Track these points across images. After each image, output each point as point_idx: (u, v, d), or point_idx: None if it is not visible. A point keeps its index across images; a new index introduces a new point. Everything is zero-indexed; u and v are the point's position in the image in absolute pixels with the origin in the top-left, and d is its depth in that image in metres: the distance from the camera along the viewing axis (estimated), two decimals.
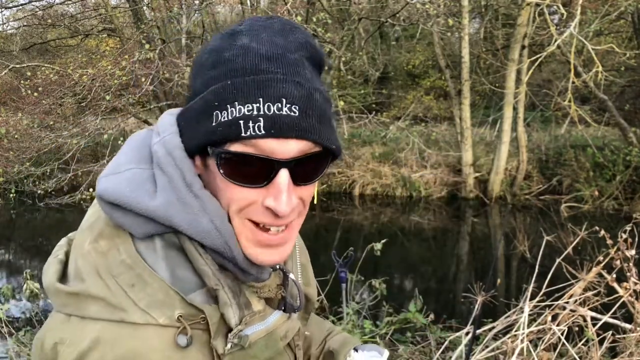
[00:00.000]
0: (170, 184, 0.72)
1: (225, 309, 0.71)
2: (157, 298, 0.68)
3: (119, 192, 0.71)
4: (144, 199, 0.71)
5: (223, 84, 0.69)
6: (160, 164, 0.73)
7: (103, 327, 0.67)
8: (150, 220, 0.72)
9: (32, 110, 9.86)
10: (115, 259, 0.70)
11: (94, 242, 0.73)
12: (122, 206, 0.71)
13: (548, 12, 10.11)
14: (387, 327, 4.31)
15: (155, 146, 0.75)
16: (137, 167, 0.75)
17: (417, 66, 19.67)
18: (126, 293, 0.68)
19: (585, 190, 11.49)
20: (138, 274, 0.69)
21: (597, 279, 3.45)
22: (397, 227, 10.95)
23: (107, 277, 0.69)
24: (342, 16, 12.89)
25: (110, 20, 12.03)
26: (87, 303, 0.69)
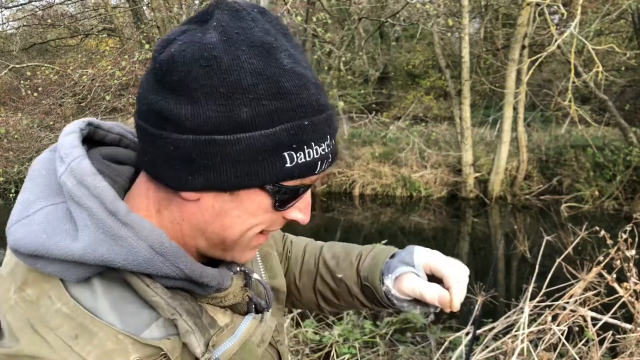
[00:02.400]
0: (91, 218, 0.63)
1: (187, 338, 0.66)
2: (107, 347, 0.61)
3: (34, 242, 0.63)
4: (65, 242, 0.62)
5: (299, 123, 0.63)
6: (73, 197, 0.64)
7: None
8: (80, 264, 0.64)
9: (32, 110, 9.87)
10: (48, 308, 0.63)
11: (19, 291, 0.65)
12: (43, 256, 0.63)
13: (548, 12, 10.11)
14: (387, 327, 4.31)
15: (63, 177, 0.65)
16: (47, 205, 0.66)
17: (417, 66, 19.68)
18: (70, 348, 0.61)
19: (585, 190, 11.49)
20: (79, 323, 0.62)
21: (597, 279, 3.45)
22: (397, 227, 10.95)
23: (44, 331, 0.62)
24: (342, 16, 12.89)
25: (110, 20, 12.04)
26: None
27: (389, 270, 0.94)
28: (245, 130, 0.61)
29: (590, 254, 3.72)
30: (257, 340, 0.74)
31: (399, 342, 4.33)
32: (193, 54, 0.61)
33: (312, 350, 4.05)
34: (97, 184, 0.64)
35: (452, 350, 3.83)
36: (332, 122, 0.68)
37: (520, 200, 12.12)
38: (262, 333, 0.76)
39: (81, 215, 0.63)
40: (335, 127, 0.69)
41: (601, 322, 3.35)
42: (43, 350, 0.61)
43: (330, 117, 0.68)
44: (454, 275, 0.87)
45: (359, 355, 3.91)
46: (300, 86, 0.63)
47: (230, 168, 0.63)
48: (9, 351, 0.62)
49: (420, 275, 0.91)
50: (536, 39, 12.40)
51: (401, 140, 14.17)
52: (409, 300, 0.93)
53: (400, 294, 0.92)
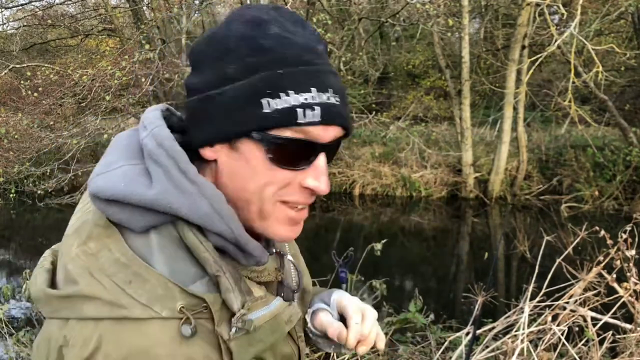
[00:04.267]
0: (165, 174, 0.72)
1: (227, 295, 0.70)
2: (157, 293, 0.67)
3: (114, 188, 0.71)
4: (141, 189, 0.71)
5: (272, 72, 0.71)
6: (152, 155, 0.73)
7: (105, 326, 0.66)
8: (149, 211, 0.71)
9: (32, 111, 9.87)
10: (107, 258, 0.69)
11: (82, 245, 0.71)
12: (118, 200, 0.70)
13: (548, 12, 10.11)
14: (387, 327, 4.31)
15: (145, 140, 0.75)
16: (128, 164, 0.74)
17: (417, 66, 19.67)
18: (124, 290, 0.67)
19: (585, 190, 11.49)
20: (134, 272, 0.68)
21: (597, 279, 3.45)
22: (397, 227, 10.96)
23: (101, 276, 0.68)
24: (342, 16, 12.90)
25: (110, 20, 12.05)
26: (83, 304, 0.67)
27: (310, 306, 1.01)
28: (230, 83, 0.72)
29: (590, 254, 3.72)
30: (285, 318, 0.78)
31: (399, 342, 4.34)
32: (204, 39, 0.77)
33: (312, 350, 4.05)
34: (174, 147, 0.73)
35: (452, 350, 3.83)
36: (322, 78, 0.73)
37: (520, 200, 12.12)
38: (289, 314, 0.80)
39: (157, 170, 0.72)
40: (328, 84, 0.73)
41: (601, 322, 3.35)
42: (98, 290, 0.67)
43: (317, 73, 0.73)
44: (355, 317, 0.92)
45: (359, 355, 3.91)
46: (281, 45, 0.72)
47: (221, 116, 0.73)
48: (67, 292, 0.69)
49: (333, 314, 0.97)
50: (536, 39, 12.40)
51: (401, 140, 14.18)
52: (322, 336, 0.98)
53: (314, 329, 0.98)
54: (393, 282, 7.34)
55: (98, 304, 0.66)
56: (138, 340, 0.65)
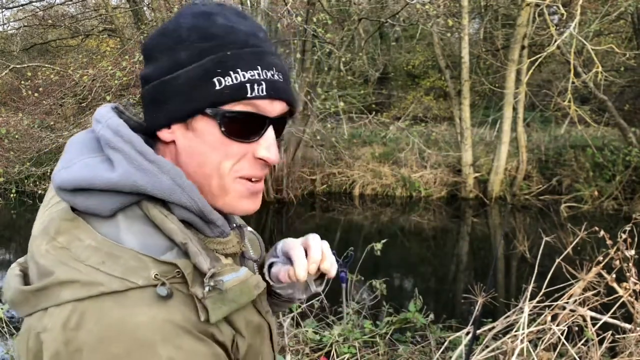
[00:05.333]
0: (125, 157, 0.76)
1: (196, 259, 0.74)
2: (131, 265, 0.70)
3: (77, 177, 0.74)
4: (105, 174, 0.74)
5: (222, 54, 0.79)
6: (110, 143, 0.78)
7: (84, 305, 0.68)
8: (116, 193, 0.75)
9: (32, 111, 9.87)
10: (78, 247, 0.72)
11: (51, 242, 0.73)
12: (84, 188, 0.74)
13: (548, 13, 10.12)
14: (387, 327, 4.32)
15: (101, 131, 0.79)
16: (88, 157, 0.78)
17: (417, 66, 19.68)
18: (99, 270, 0.69)
19: (584, 190, 11.51)
20: (106, 252, 0.71)
21: (597, 279, 3.46)
22: (397, 227, 10.97)
23: (75, 263, 0.70)
24: (342, 17, 12.90)
25: (110, 20, 12.05)
26: (60, 290, 0.69)
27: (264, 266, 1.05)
28: (184, 67, 0.78)
29: (590, 254, 3.73)
30: (253, 283, 0.81)
31: (399, 342, 4.34)
32: (157, 32, 0.83)
33: (312, 350, 4.06)
34: (129, 133, 0.78)
35: (452, 350, 3.85)
36: (266, 58, 0.81)
37: (520, 200, 12.13)
38: (257, 280, 0.83)
39: (116, 155, 0.76)
40: (272, 64, 0.82)
41: (601, 322, 3.36)
42: (74, 275, 0.69)
43: (262, 54, 0.81)
44: (296, 251, 0.95)
45: (359, 354, 3.92)
46: (227, 32, 0.80)
47: (177, 97, 0.79)
48: (42, 283, 0.71)
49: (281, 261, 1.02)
50: (536, 40, 12.41)
51: (401, 141, 14.18)
52: (283, 287, 1.02)
53: (273, 284, 1.01)
54: (393, 282, 7.36)
55: (75, 287, 0.69)
56: (118, 311, 0.67)
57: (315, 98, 11.15)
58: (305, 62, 11.60)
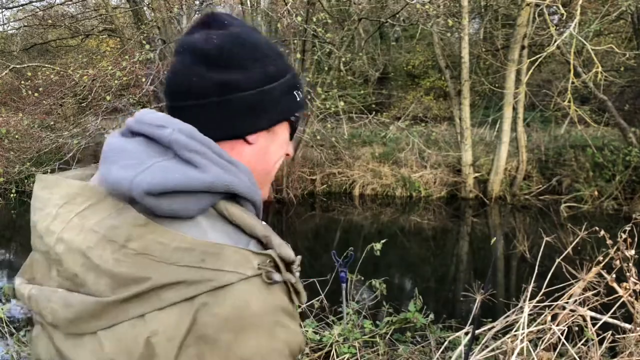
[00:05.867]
0: (207, 159, 0.78)
1: (282, 249, 0.77)
2: (235, 259, 0.72)
3: (170, 179, 0.73)
4: (197, 175, 0.75)
5: (293, 72, 0.94)
6: (187, 147, 0.77)
7: (197, 301, 0.69)
8: (202, 195, 0.76)
9: (32, 111, 9.88)
10: (164, 250, 0.70)
11: (121, 249, 0.71)
12: (173, 191, 0.73)
13: (548, 13, 10.12)
14: (387, 327, 4.32)
15: (174, 135, 0.78)
16: (161, 160, 0.77)
17: (417, 66, 19.69)
18: (200, 267, 0.70)
19: (584, 190, 11.51)
20: (202, 251, 0.71)
21: (597, 279, 3.46)
22: (397, 227, 10.97)
23: (167, 266, 0.70)
24: (342, 16, 12.90)
25: (110, 20, 12.05)
26: (161, 293, 0.69)
27: None
28: (275, 80, 0.89)
29: (590, 254, 3.74)
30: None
31: (399, 342, 4.34)
32: (232, 41, 0.87)
33: (312, 350, 4.06)
34: (203, 137, 0.80)
35: (451, 350, 3.85)
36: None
37: (520, 200, 12.14)
38: None
39: (197, 158, 0.77)
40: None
41: (601, 322, 3.36)
42: (177, 276, 0.69)
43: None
44: None
45: (359, 354, 3.92)
46: (283, 53, 0.95)
47: (275, 107, 0.90)
48: (133, 291, 0.69)
49: None
50: (536, 40, 12.41)
51: (401, 141, 14.19)
52: None
53: None
54: (393, 281, 7.36)
55: (181, 288, 0.69)
56: (233, 302, 0.69)
57: (315, 98, 11.15)
58: (305, 62, 11.60)
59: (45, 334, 0.79)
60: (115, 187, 0.74)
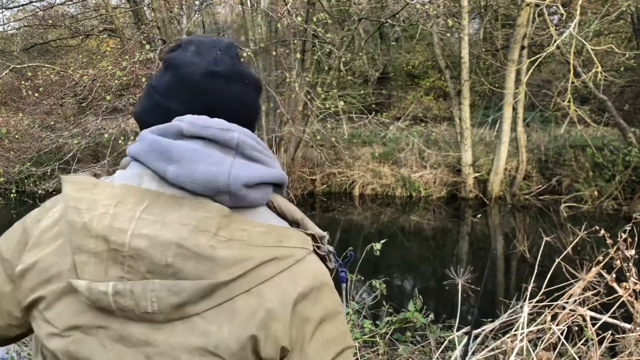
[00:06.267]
0: (270, 157, 0.92)
1: (315, 229, 0.94)
2: (302, 238, 0.88)
3: (257, 174, 0.86)
4: (273, 171, 0.90)
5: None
6: (254, 148, 0.90)
7: (290, 271, 0.84)
8: (269, 186, 0.91)
9: (32, 111, 9.87)
10: (250, 235, 0.83)
11: (215, 237, 0.80)
12: (259, 183, 0.87)
13: (547, 13, 10.13)
14: (387, 327, 4.32)
15: (241, 138, 0.89)
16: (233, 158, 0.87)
17: (417, 66, 19.70)
18: (282, 246, 0.84)
19: (584, 190, 11.51)
20: (278, 233, 0.85)
21: (597, 278, 3.46)
22: (397, 227, 10.97)
23: (258, 248, 0.82)
24: (342, 17, 12.90)
25: (110, 20, 12.05)
26: (262, 269, 0.82)
27: None
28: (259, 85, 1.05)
29: (590, 254, 3.74)
30: None
31: (399, 342, 4.34)
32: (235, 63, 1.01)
33: None
34: (260, 139, 0.93)
35: (451, 349, 3.85)
36: None
37: (520, 200, 12.14)
38: None
39: (263, 157, 0.90)
40: None
41: (600, 321, 3.36)
42: (270, 253, 0.83)
43: None
44: None
45: (359, 354, 3.93)
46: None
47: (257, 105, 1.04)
48: (239, 272, 0.80)
49: None
50: (535, 40, 12.42)
51: (401, 141, 14.19)
52: None
53: None
54: (393, 281, 7.37)
55: (275, 263, 0.83)
56: (312, 269, 0.88)
57: (315, 98, 11.16)
58: (305, 62, 11.61)
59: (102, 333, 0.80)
60: (209, 181, 0.82)
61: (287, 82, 11.25)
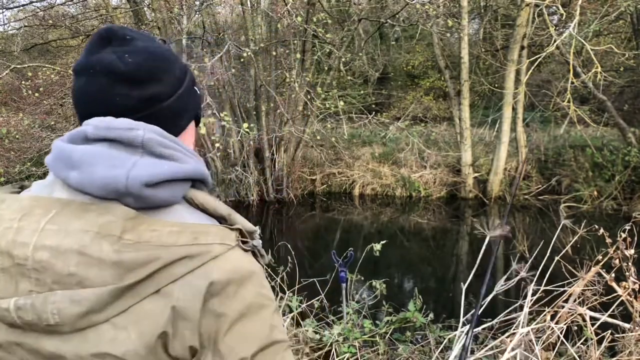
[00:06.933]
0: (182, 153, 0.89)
1: (244, 223, 0.90)
2: (221, 234, 0.84)
3: (161, 171, 0.83)
4: (181, 166, 0.86)
5: (187, 66, 1.00)
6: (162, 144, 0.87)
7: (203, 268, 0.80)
8: (183, 183, 0.87)
9: (33, 111, 9.88)
10: (160, 235, 0.79)
11: (118, 241, 0.77)
12: (165, 180, 0.83)
13: (547, 13, 10.14)
14: (386, 327, 4.33)
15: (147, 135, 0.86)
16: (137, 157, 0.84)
17: (417, 67, 19.71)
18: (196, 244, 0.80)
19: (584, 190, 11.52)
20: (192, 231, 0.81)
21: (596, 278, 3.47)
22: (397, 227, 10.98)
23: (168, 248, 0.79)
24: (342, 17, 12.92)
25: (111, 20, 12.06)
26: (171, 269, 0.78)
27: None
28: (183, 81, 0.96)
29: (589, 254, 3.74)
30: None
31: (399, 341, 4.35)
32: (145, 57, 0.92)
33: (312, 350, 4.07)
34: (170, 135, 0.90)
35: (451, 349, 3.85)
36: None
37: (519, 200, 12.15)
38: None
39: (173, 153, 0.87)
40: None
41: (600, 321, 3.37)
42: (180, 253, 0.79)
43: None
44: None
45: (359, 354, 3.93)
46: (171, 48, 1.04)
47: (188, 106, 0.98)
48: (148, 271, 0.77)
49: None
50: (535, 40, 12.43)
51: (401, 141, 14.20)
52: None
53: None
54: (393, 281, 7.38)
55: (186, 262, 0.79)
56: (231, 264, 0.82)
57: (315, 98, 11.17)
58: (305, 62, 11.62)
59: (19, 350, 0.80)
60: (108, 184, 0.79)
61: (287, 82, 11.26)
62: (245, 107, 12.18)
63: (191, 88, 0.99)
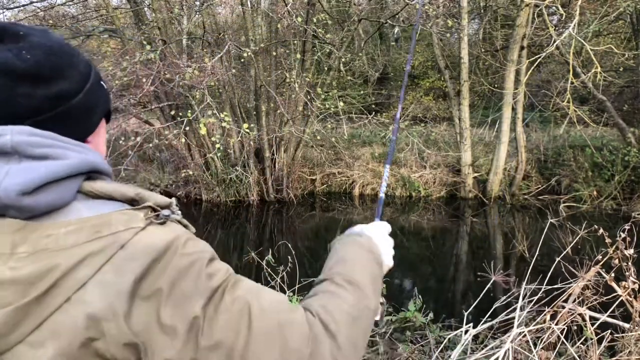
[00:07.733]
0: (61, 148, 0.82)
1: (156, 198, 0.85)
2: (125, 219, 0.78)
3: (37, 175, 0.76)
4: (63, 162, 0.79)
5: (91, 62, 0.95)
6: (35, 144, 0.79)
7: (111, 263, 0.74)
8: (70, 180, 0.80)
9: None
10: (56, 239, 0.74)
11: (12, 257, 0.73)
12: (45, 184, 0.76)
13: (547, 13, 10.15)
14: (386, 326, 4.34)
15: (15, 139, 0.78)
16: (13, 164, 0.77)
17: (417, 67, 19.72)
18: (100, 237, 0.75)
19: (584, 190, 11.53)
20: (92, 225, 0.76)
21: (596, 278, 3.48)
22: (397, 226, 10.98)
23: (72, 250, 0.74)
24: (342, 17, 12.93)
25: (111, 21, 12.07)
26: (75, 273, 0.73)
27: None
28: (89, 76, 0.91)
29: (589, 254, 3.75)
30: None
31: (399, 341, 4.36)
32: (45, 53, 0.85)
33: None
34: (43, 131, 0.82)
35: (451, 349, 3.86)
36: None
37: (519, 200, 12.16)
38: None
39: (50, 150, 0.80)
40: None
41: (599, 321, 3.38)
42: (81, 253, 0.74)
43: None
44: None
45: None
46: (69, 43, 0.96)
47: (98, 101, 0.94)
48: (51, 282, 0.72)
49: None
50: (535, 40, 12.45)
51: (401, 141, 14.21)
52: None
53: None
54: (393, 281, 7.38)
55: (90, 260, 0.74)
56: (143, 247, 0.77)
57: (315, 98, 11.18)
58: (305, 63, 11.63)
59: None
60: None
61: (287, 82, 11.27)
62: (245, 107, 12.19)
63: (98, 82, 0.93)
